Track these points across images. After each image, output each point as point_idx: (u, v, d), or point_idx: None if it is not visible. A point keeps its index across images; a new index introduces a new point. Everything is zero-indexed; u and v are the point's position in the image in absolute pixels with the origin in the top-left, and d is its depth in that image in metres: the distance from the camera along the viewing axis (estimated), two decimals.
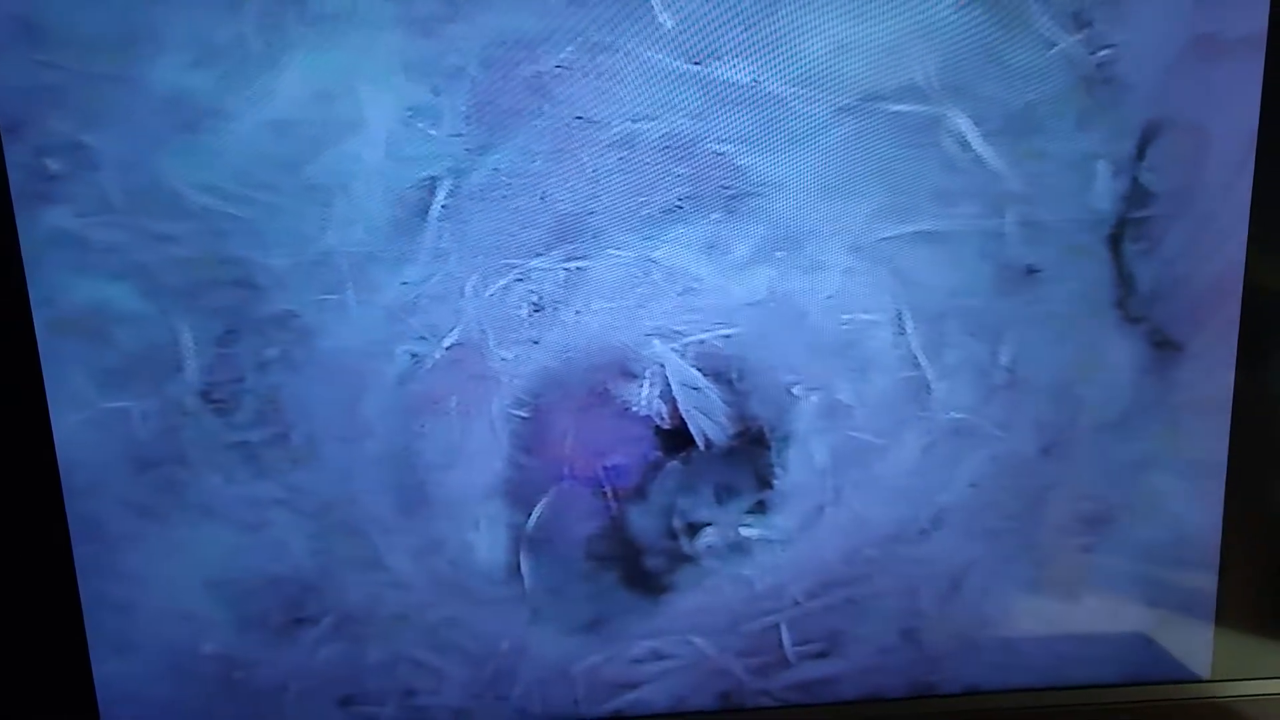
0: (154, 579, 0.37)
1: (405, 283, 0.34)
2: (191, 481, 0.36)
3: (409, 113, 0.33)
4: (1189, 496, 0.38)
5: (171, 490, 0.36)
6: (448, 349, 0.35)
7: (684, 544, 0.37)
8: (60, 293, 0.34)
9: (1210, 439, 0.37)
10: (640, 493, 0.37)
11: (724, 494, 0.37)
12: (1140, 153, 0.35)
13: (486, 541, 0.37)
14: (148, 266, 0.34)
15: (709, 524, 0.37)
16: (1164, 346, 0.36)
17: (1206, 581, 0.39)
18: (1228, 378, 0.37)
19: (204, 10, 0.32)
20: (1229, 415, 0.37)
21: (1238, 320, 0.36)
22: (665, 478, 0.37)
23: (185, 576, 0.37)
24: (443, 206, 0.34)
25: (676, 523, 0.37)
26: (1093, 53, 0.34)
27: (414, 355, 0.35)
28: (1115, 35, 0.34)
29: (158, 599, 0.37)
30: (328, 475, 0.36)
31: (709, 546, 0.37)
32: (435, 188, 0.34)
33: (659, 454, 0.36)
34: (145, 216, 0.33)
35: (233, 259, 0.34)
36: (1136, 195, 0.35)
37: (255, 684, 0.38)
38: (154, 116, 0.33)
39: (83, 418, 0.35)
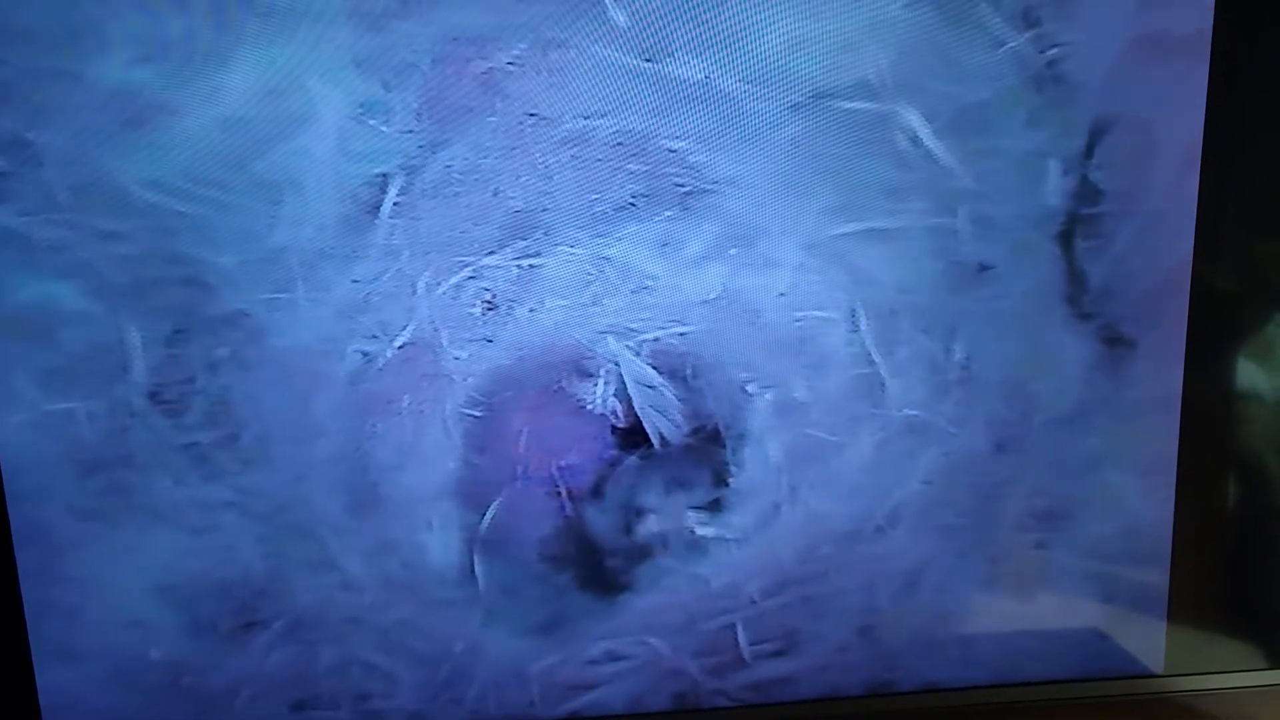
0: (100, 584, 0.36)
1: (356, 281, 0.34)
2: (139, 484, 0.35)
3: (360, 109, 0.33)
4: (1141, 493, 0.38)
5: (119, 493, 0.35)
6: (400, 348, 0.35)
7: (639, 544, 0.37)
8: (2, 292, 0.33)
9: (1161, 435, 0.38)
10: (595, 492, 0.37)
11: (679, 493, 0.37)
12: (1089, 150, 0.35)
13: (440, 543, 0.37)
14: (93, 265, 0.33)
15: (664, 523, 0.37)
16: (1115, 343, 0.37)
17: (1159, 577, 0.39)
18: (1177, 375, 0.37)
19: (151, 4, 0.31)
20: (1179, 412, 0.38)
21: (1186, 317, 0.37)
22: (620, 477, 0.36)
23: (133, 581, 0.36)
24: (394, 204, 0.34)
25: (632, 522, 0.37)
26: (1042, 51, 0.34)
27: (365, 354, 0.35)
28: (1064, 34, 0.34)
29: (104, 604, 0.36)
30: (279, 477, 0.35)
31: (664, 546, 0.37)
32: (387, 184, 0.33)
33: (614, 453, 0.36)
34: (91, 214, 0.33)
35: (181, 257, 0.33)
36: (1086, 192, 0.35)
37: (205, 690, 0.37)
38: (100, 112, 0.32)
39: (25, 419, 0.34)
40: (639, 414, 0.36)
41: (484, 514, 0.36)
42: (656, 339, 0.35)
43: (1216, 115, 0.35)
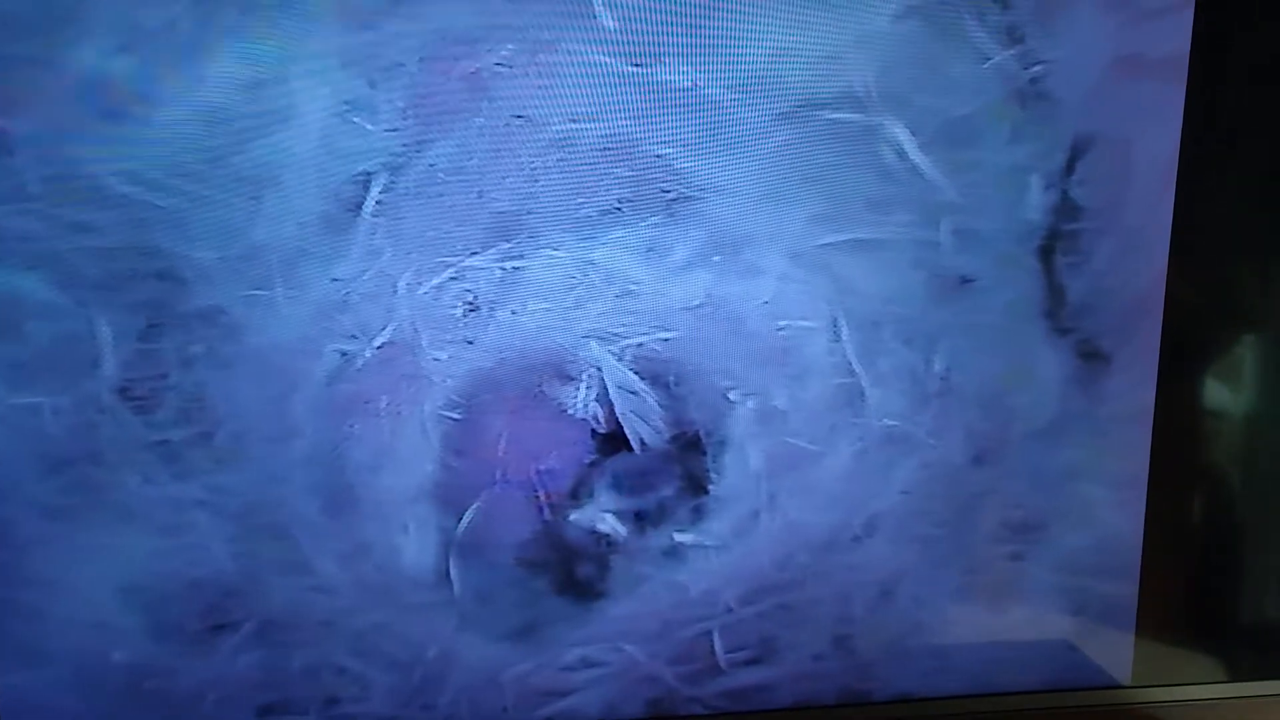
0: (64, 584, 0.35)
1: (336, 279, 0.34)
2: (107, 482, 0.34)
3: (345, 106, 0.32)
4: (1112, 506, 0.39)
5: (85, 491, 0.34)
6: (379, 348, 0.34)
7: (616, 550, 0.37)
8: None
9: (1133, 450, 0.38)
10: (574, 497, 0.36)
11: (659, 499, 0.37)
12: (1070, 167, 0.35)
13: (416, 546, 0.36)
14: (64, 257, 0.33)
15: (643, 530, 0.37)
16: (1091, 358, 0.37)
17: (1127, 590, 0.40)
18: (1150, 390, 0.38)
19: None
20: (1151, 427, 0.38)
21: (1159, 334, 0.37)
22: (600, 482, 0.36)
23: (98, 581, 0.35)
24: (377, 202, 0.33)
25: (609, 528, 0.37)
26: (1025, 68, 0.34)
27: (344, 354, 0.34)
28: (1047, 52, 0.34)
29: (68, 605, 0.35)
30: (253, 476, 0.35)
31: (642, 552, 0.37)
32: (370, 183, 0.33)
33: (594, 458, 0.36)
34: (63, 205, 0.32)
35: (156, 251, 0.33)
36: (1066, 208, 0.36)
37: (170, 694, 0.36)
38: (75, 101, 0.31)
39: None
40: (620, 419, 0.36)
41: (461, 517, 0.36)
42: (640, 344, 0.35)
43: (1191, 136, 0.36)
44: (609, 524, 0.37)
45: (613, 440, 0.36)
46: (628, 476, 0.36)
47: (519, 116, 0.33)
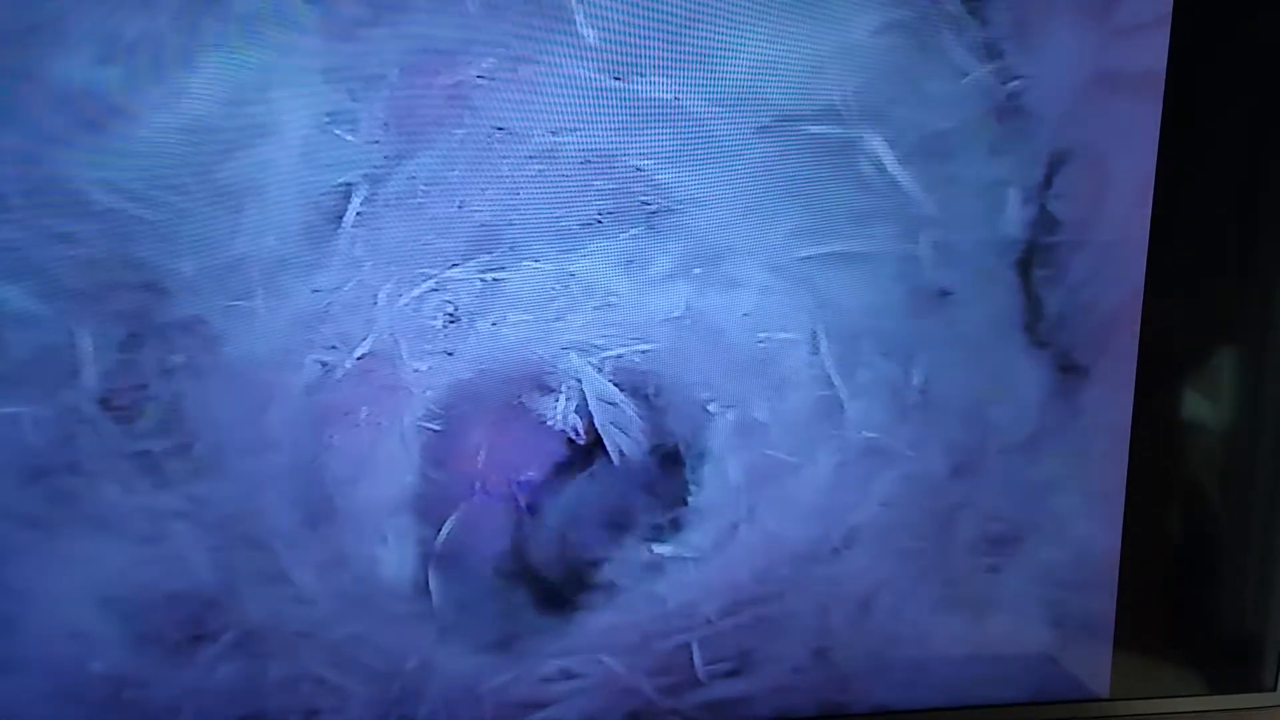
0: (41, 594, 0.35)
1: (317, 290, 0.34)
2: (86, 492, 0.34)
3: (326, 118, 0.32)
4: (1090, 518, 0.39)
5: (64, 501, 0.34)
6: (359, 359, 0.34)
7: (596, 562, 0.37)
8: None
9: (1111, 462, 0.38)
10: (553, 508, 0.36)
11: (638, 511, 0.37)
12: (1048, 181, 0.35)
13: (394, 557, 0.36)
14: (45, 267, 0.33)
15: (622, 542, 0.37)
16: (1069, 371, 0.37)
17: (1105, 602, 0.40)
18: (1128, 403, 0.38)
19: (115, 5, 0.31)
20: (1128, 440, 0.38)
21: (1136, 347, 0.37)
22: (579, 493, 0.36)
23: (76, 592, 0.35)
24: (358, 214, 0.33)
25: (588, 540, 0.37)
26: (1004, 83, 0.35)
27: (324, 365, 0.34)
28: (1025, 68, 0.35)
29: (45, 615, 0.35)
30: (232, 487, 0.35)
31: (621, 564, 0.37)
32: (351, 194, 0.33)
33: (573, 469, 0.36)
34: (45, 215, 0.32)
35: (138, 262, 0.33)
36: (1044, 222, 0.36)
37: (148, 705, 0.36)
38: (57, 113, 0.32)
39: None
40: (600, 431, 0.36)
41: (440, 528, 0.36)
42: (619, 356, 0.35)
43: (1168, 150, 0.36)
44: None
45: (592, 452, 0.36)
46: (607, 488, 0.36)
47: (500, 129, 0.33)
